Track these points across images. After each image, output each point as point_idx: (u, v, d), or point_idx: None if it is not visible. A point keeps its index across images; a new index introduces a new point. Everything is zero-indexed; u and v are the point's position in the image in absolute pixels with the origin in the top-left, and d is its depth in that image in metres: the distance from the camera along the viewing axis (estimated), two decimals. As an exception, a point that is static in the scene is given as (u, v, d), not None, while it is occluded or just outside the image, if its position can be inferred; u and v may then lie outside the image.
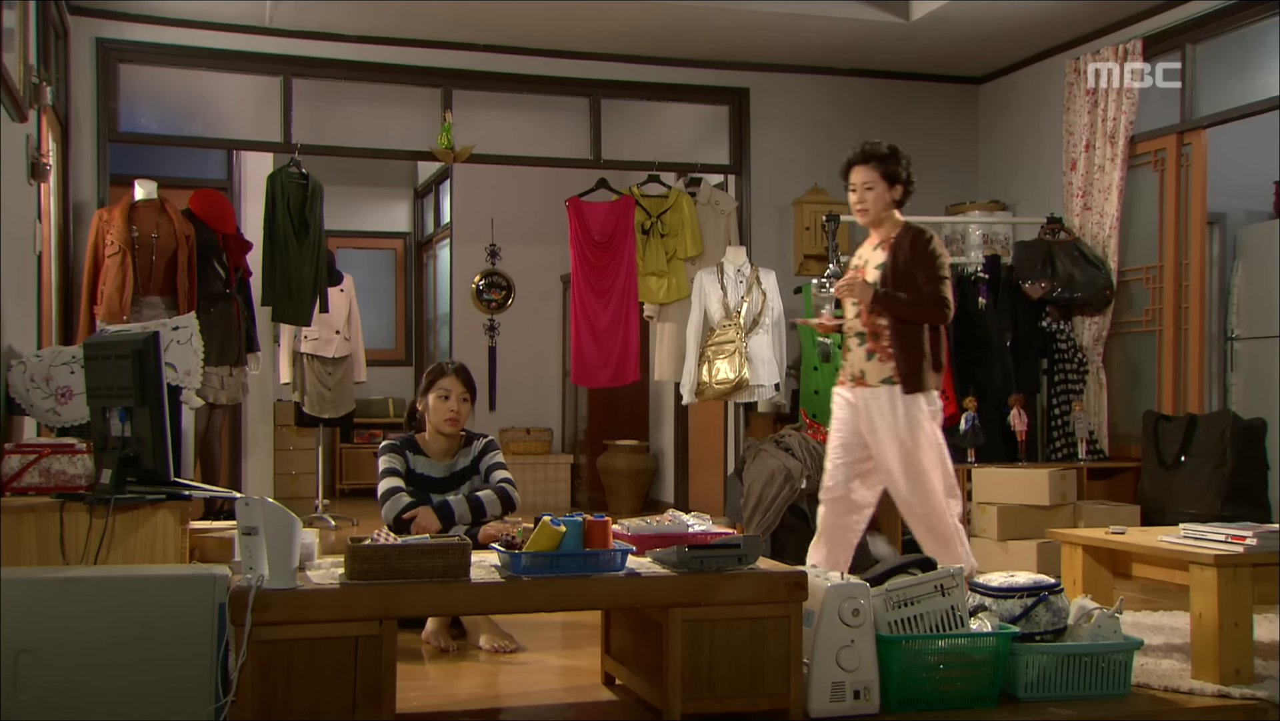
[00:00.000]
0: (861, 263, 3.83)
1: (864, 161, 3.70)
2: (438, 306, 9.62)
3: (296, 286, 6.01)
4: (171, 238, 5.43)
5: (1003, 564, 5.19)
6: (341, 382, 7.22)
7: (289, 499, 7.58)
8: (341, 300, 7.14)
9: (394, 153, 6.47)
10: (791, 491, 5.15)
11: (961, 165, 6.98)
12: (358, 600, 2.53)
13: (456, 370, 3.94)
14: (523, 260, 8.79)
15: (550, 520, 2.76)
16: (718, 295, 5.92)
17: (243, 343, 5.84)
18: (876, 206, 3.71)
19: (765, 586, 2.72)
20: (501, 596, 2.66)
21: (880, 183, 3.69)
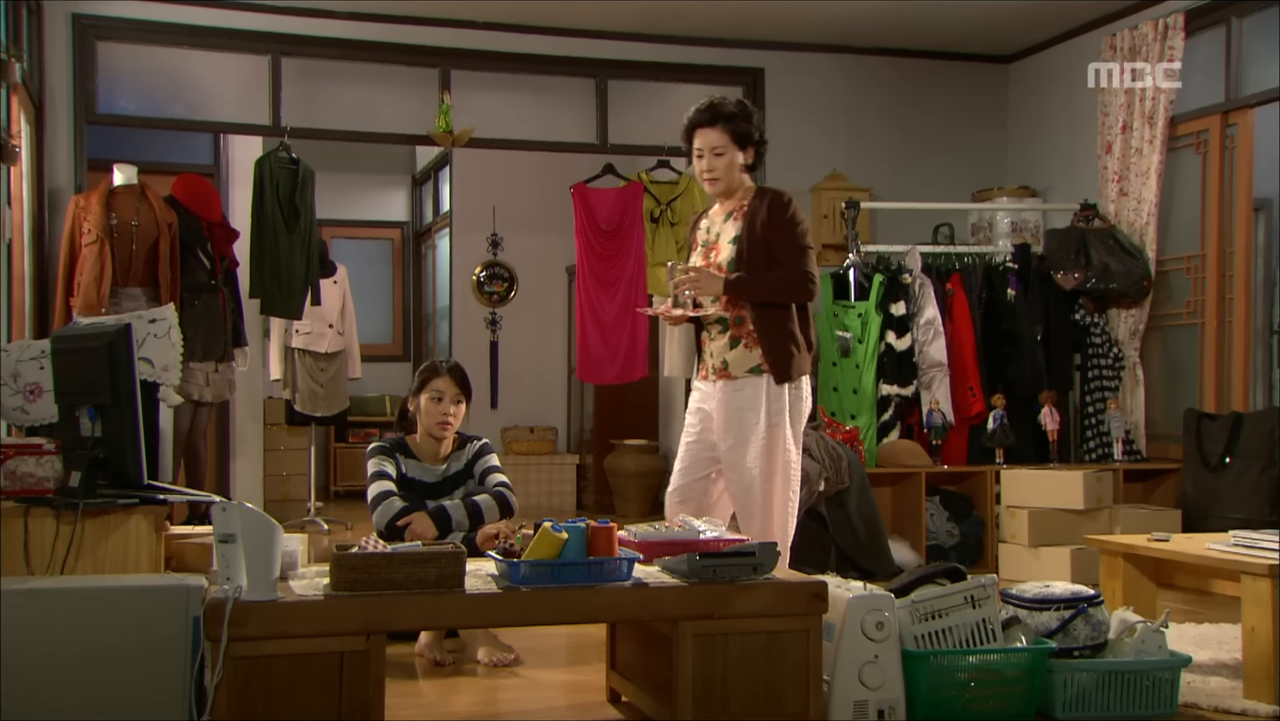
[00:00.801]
0: (713, 238, 3.58)
1: (711, 122, 3.48)
2: (437, 299, 9.63)
3: (286, 278, 5.98)
4: (153, 225, 5.39)
5: (1034, 572, 5.16)
6: (335, 379, 7.21)
7: (279, 501, 7.58)
8: (335, 292, 7.12)
9: (389, 136, 6.43)
10: (808, 494, 5.07)
11: (989, 149, 6.95)
12: (343, 613, 2.48)
13: (450, 369, 3.90)
14: (526, 250, 8.78)
15: (551, 526, 2.71)
16: None
17: (229, 337, 5.81)
18: (729, 173, 3.50)
19: (782, 597, 2.67)
20: (499, 608, 2.62)
21: (731, 146, 3.48)
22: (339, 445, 9.05)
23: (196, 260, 5.65)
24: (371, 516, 3.79)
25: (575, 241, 6.41)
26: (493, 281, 8.76)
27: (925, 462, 5.70)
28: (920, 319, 5.86)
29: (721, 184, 3.52)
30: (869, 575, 5.05)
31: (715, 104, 3.49)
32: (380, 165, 9.86)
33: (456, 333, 8.76)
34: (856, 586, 2.93)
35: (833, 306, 5.92)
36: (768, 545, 2.81)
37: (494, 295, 8.76)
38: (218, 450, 6.95)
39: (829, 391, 5.91)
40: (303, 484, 7.65)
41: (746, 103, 3.54)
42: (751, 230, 3.46)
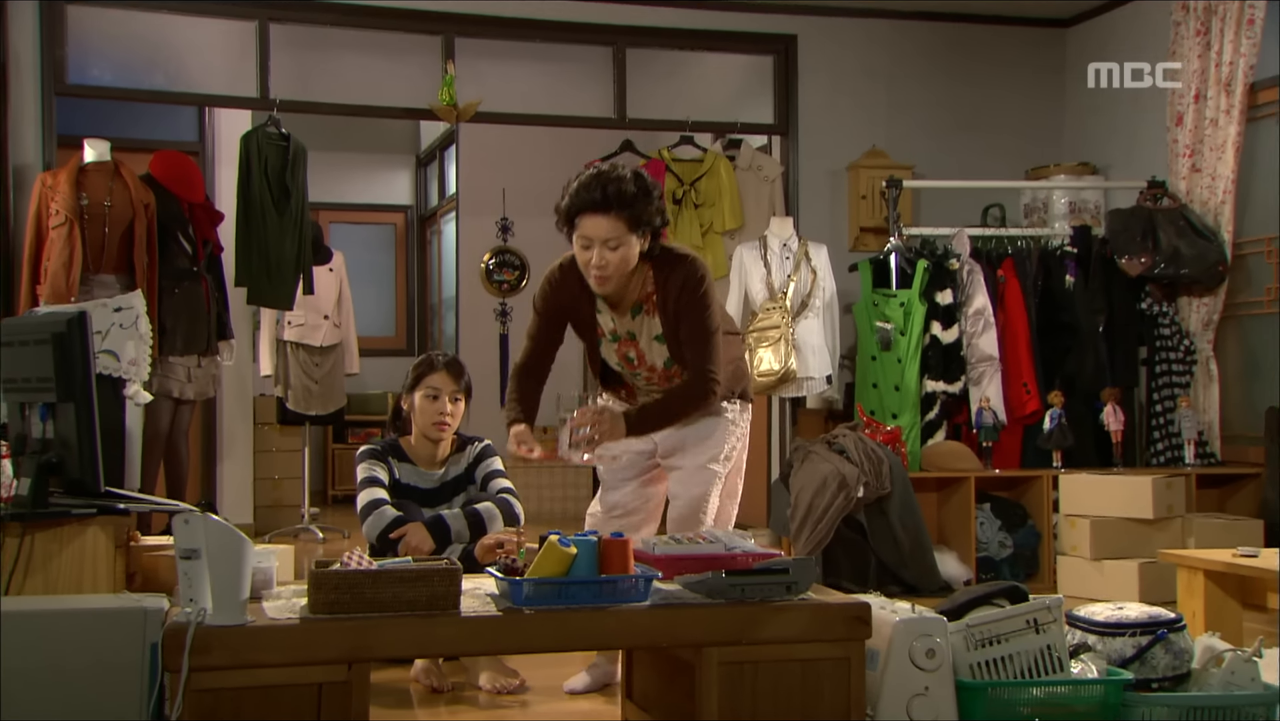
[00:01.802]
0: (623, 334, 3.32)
1: (603, 208, 3.00)
2: (443, 288, 9.60)
3: (276, 264, 5.91)
4: (127, 206, 5.32)
5: (1098, 588, 5.07)
6: (331, 375, 7.17)
7: (271, 507, 7.53)
8: (330, 281, 7.08)
9: (387, 110, 6.40)
10: (846, 500, 5.09)
11: (1045, 122, 6.91)
12: (321, 639, 2.39)
13: (448, 364, 3.84)
14: (538, 236, 8.16)
15: (558, 539, 2.61)
16: (760, 274, 5.86)
17: (212, 329, 5.76)
18: (624, 269, 3.08)
19: (820, 621, 2.58)
20: (498, 633, 2.52)
21: (627, 236, 3.03)
22: (337, 446, 9.07)
23: (176, 244, 5.59)
24: (361, 527, 3.71)
25: None
26: (502, 269, 8.76)
27: (974, 466, 5.63)
28: (969, 308, 5.81)
29: (613, 284, 3.13)
30: (912, 590, 5.05)
31: (609, 184, 3.01)
32: (381, 144, 9.87)
33: (464, 324, 8.75)
34: (903, 608, 2.84)
35: (872, 295, 5.87)
36: (803, 562, 2.71)
37: (504, 284, 8.75)
38: (203, 452, 6.92)
39: (868, 388, 5.85)
40: (296, 488, 7.58)
41: (645, 176, 3.11)
42: (669, 316, 3.20)
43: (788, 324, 5.73)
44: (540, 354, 3.32)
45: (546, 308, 3.31)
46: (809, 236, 6.11)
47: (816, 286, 5.87)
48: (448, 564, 2.60)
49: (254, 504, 7.28)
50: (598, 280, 3.13)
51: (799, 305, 5.82)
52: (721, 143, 6.70)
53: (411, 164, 10.23)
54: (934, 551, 5.30)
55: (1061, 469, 5.61)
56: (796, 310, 5.80)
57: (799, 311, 5.81)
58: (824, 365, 5.85)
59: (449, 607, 2.49)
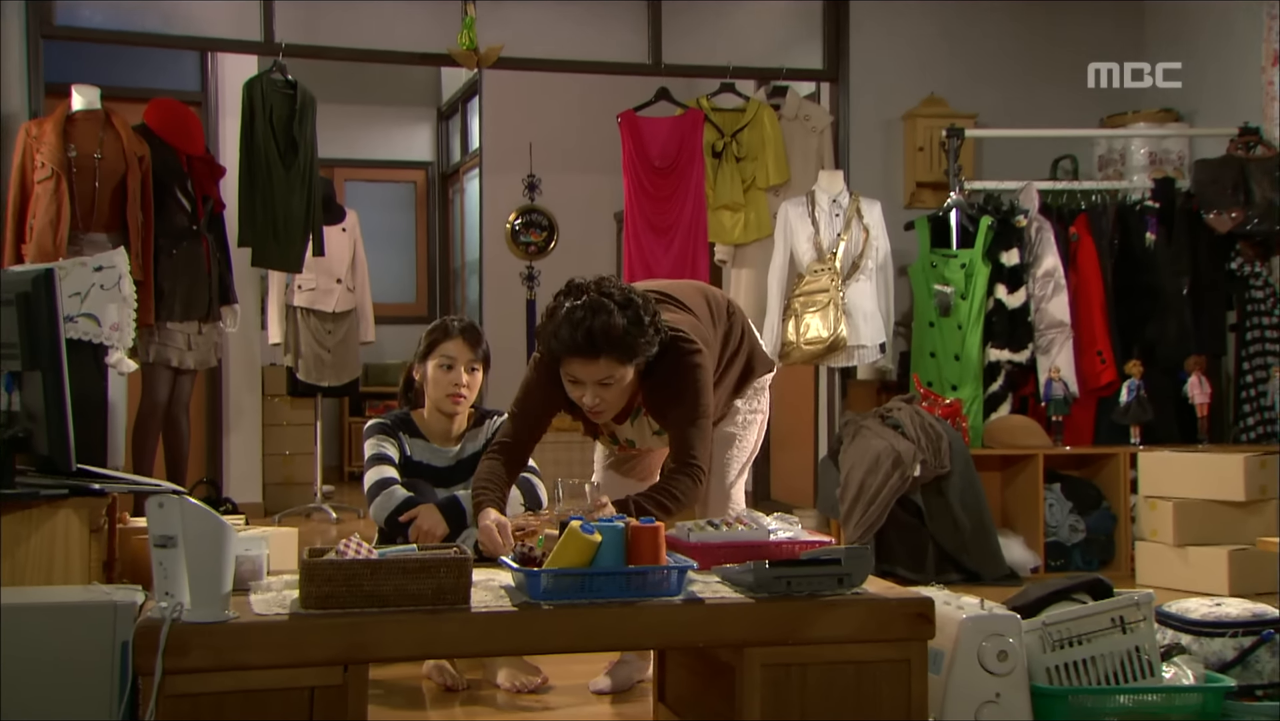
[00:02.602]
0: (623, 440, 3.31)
1: (591, 353, 2.90)
2: (465, 251, 9.61)
3: (283, 223, 5.87)
4: (119, 159, 5.28)
5: (1182, 577, 5.01)
6: (344, 343, 7.16)
7: (281, 485, 7.55)
8: (343, 242, 7.08)
9: (402, 56, 6.31)
10: (901, 480, 5.10)
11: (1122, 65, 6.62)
12: (314, 637, 2.29)
13: (463, 330, 3.75)
14: (568, 194, 8.65)
15: (581, 525, 2.51)
16: (807, 233, 5.84)
17: (214, 293, 5.75)
18: (618, 403, 3.06)
19: (876, 618, 2.50)
20: (513, 632, 2.42)
21: (621, 370, 2.95)
22: (352, 420, 9.12)
23: (174, 201, 5.54)
24: (368, 508, 3.64)
25: (624, 181, 6.34)
26: (529, 230, 8.62)
27: (1043, 442, 5.58)
28: (1037, 270, 5.76)
29: (609, 414, 3.09)
30: (973, 577, 5.10)
31: (594, 322, 2.87)
32: (400, 95, 9.88)
33: (488, 289, 8.65)
34: (971, 603, 2.76)
35: (930, 256, 5.86)
36: (858, 551, 2.61)
37: (531, 246, 8.61)
38: (208, 426, 6.93)
39: (925, 358, 5.83)
40: (308, 465, 7.57)
41: (635, 297, 2.96)
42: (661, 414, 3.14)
43: (837, 287, 5.69)
44: (525, 434, 3.19)
45: (538, 391, 3.17)
46: (861, 192, 6.05)
47: (869, 246, 5.83)
48: (456, 552, 2.50)
49: (263, 482, 7.31)
50: (593, 414, 3.07)
51: (849, 267, 5.78)
52: (765, 90, 6.64)
53: (432, 117, 10.24)
54: (998, 536, 5.27)
55: (1140, 446, 5.57)
56: (847, 272, 5.76)
57: (849, 274, 5.77)
58: (877, 332, 5.80)
59: (457, 602, 2.40)
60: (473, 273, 9.26)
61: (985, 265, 5.70)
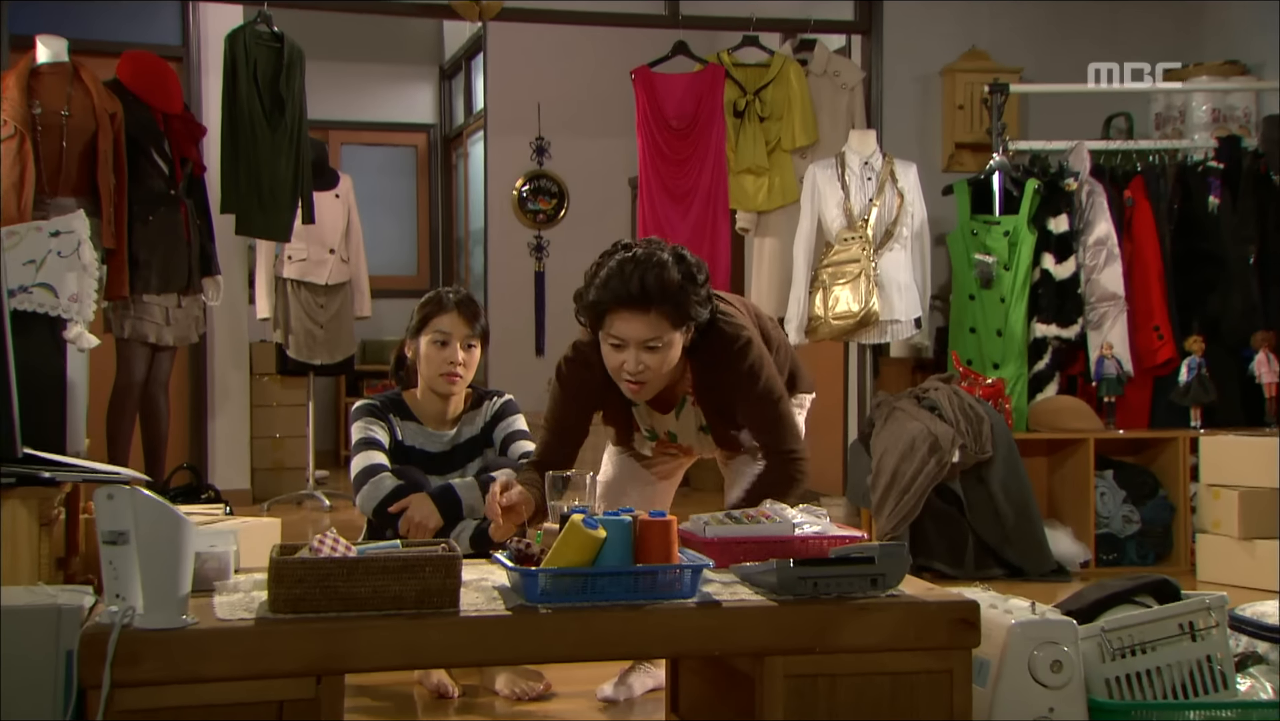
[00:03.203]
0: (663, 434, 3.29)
1: (642, 305, 2.88)
2: (470, 219, 9.71)
3: (269, 188, 5.86)
4: (89, 116, 5.23)
5: (1247, 573, 4.98)
6: (338, 318, 7.16)
7: (271, 471, 7.58)
8: (336, 209, 7.07)
9: (399, 7, 6.42)
10: (939, 466, 5.08)
11: (1182, 13, 6.65)
12: (283, 645, 2.23)
13: (459, 303, 3.69)
14: (578, 158, 8.77)
15: (583, 519, 2.44)
16: (837, 198, 5.80)
17: (195, 262, 5.73)
18: (661, 375, 3.00)
19: (914, 624, 2.44)
20: (507, 639, 2.35)
21: (670, 334, 2.93)
22: (348, 400, 9.23)
23: (150, 163, 5.52)
24: (354, 498, 3.60)
25: (638, 143, 6.31)
26: (538, 197, 8.82)
27: (1094, 426, 5.53)
28: (1088, 237, 5.70)
29: (650, 391, 3.04)
30: (1017, 572, 5.11)
31: (648, 271, 2.87)
32: (398, 52, 9.94)
33: (494, 260, 8.86)
34: (1020, 606, 2.72)
35: (970, 222, 5.80)
36: (893, 549, 2.54)
37: (539, 214, 8.82)
38: (191, 407, 6.95)
39: (964, 334, 5.80)
40: (300, 449, 7.58)
41: (688, 257, 2.98)
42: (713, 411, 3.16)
43: (869, 257, 5.65)
44: (562, 448, 3.15)
45: (568, 396, 3.16)
46: (895, 153, 6.00)
47: (903, 212, 5.78)
48: (444, 549, 2.42)
49: (251, 467, 7.32)
50: (632, 389, 3.02)
51: (883, 235, 5.74)
52: (792, 44, 6.64)
53: (434, 76, 10.32)
54: (1044, 528, 5.24)
55: (1201, 429, 5.54)
56: (880, 241, 5.73)
57: (883, 242, 5.73)
58: (912, 306, 5.77)
59: (445, 605, 2.34)
60: (477, 243, 9.36)
61: (1031, 232, 5.66)
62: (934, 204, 6.00)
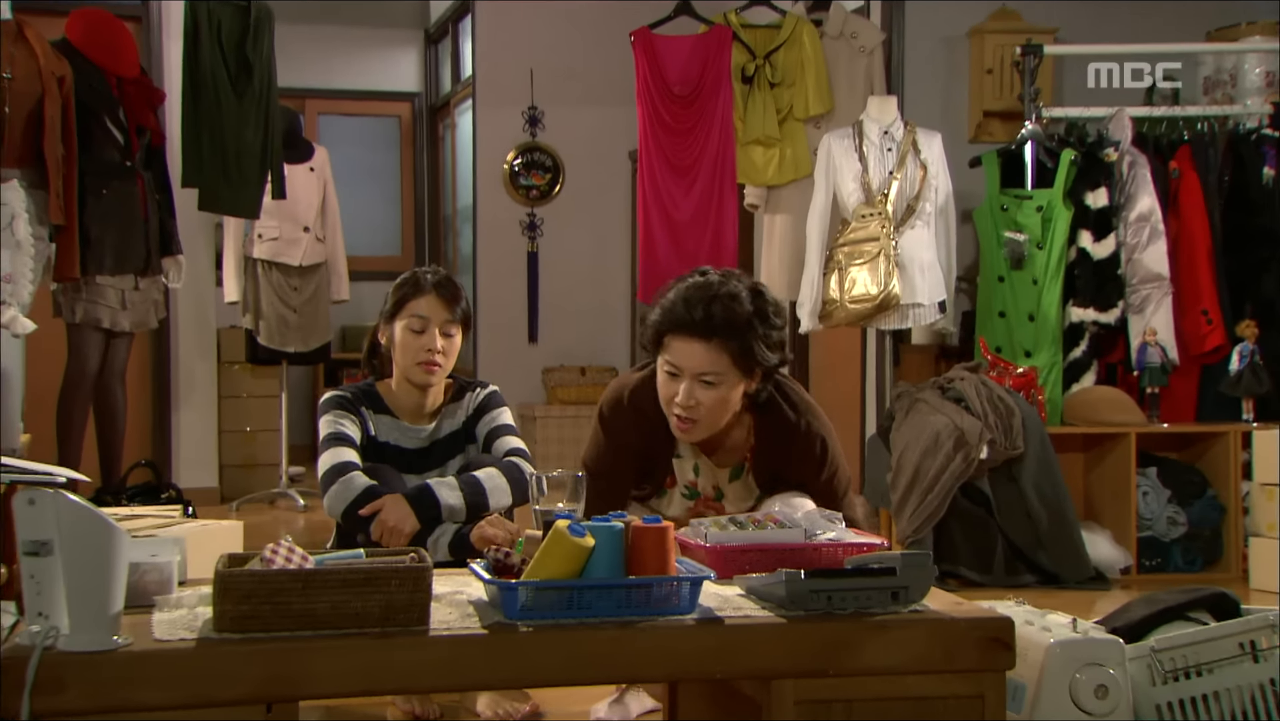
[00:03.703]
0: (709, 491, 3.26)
1: (705, 333, 2.91)
2: (457, 196, 9.70)
3: (235, 160, 5.92)
4: (34, 79, 5.19)
5: None
6: (313, 302, 7.18)
7: (242, 467, 7.59)
8: (311, 183, 7.09)
9: None
10: (965, 463, 5.07)
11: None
12: (228, 669, 2.17)
13: (438, 285, 3.65)
14: (575, 128, 8.76)
15: (569, 526, 2.38)
16: (854, 171, 5.75)
17: (154, 241, 5.72)
18: (715, 417, 3.00)
19: (941, 643, 2.37)
20: (482, 661, 2.28)
21: (731, 373, 2.94)
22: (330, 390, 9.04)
23: (103, 131, 5.51)
24: (322, 499, 3.53)
25: (638, 112, 6.31)
26: (531, 171, 8.81)
27: (1136, 419, 5.52)
28: (1130, 213, 5.68)
29: (699, 433, 3.03)
30: (1051, 579, 5.11)
31: (716, 300, 2.90)
32: (380, 15, 9.88)
33: (483, 240, 8.82)
34: (1059, 622, 2.71)
35: (1000, 197, 5.78)
36: (917, 559, 2.46)
37: (533, 190, 8.81)
38: (153, 399, 6.96)
39: (993, 318, 5.79)
40: (273, 444, 7.63)
41: (767, 294, 3.02)
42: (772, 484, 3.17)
43: (889, 235, 5.59)
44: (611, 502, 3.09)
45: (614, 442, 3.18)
46: (918, 122, 5.94)
47: (926, 186, 5.73)
48: (413, 559, 2.36)
49: (219, 463, 7.36)
50: (681, 425, 3.00)
51: (904, 211, 5.69)
52: (805, 4, 6.55)
53: (418, 40, 10.26)
54: (1080, 530, 5.22)
55: (1254, 422, 5.52)
56: (901, 217, 5.67)
57: (904, 219, 5.68)
58: (935, 288, 5.71)
59: (413, 623, 2.26)
60: (465, 221, 9.29)
61: (1067, 208, 5.64)
62: (960, 177, 5.94)
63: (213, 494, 7.00)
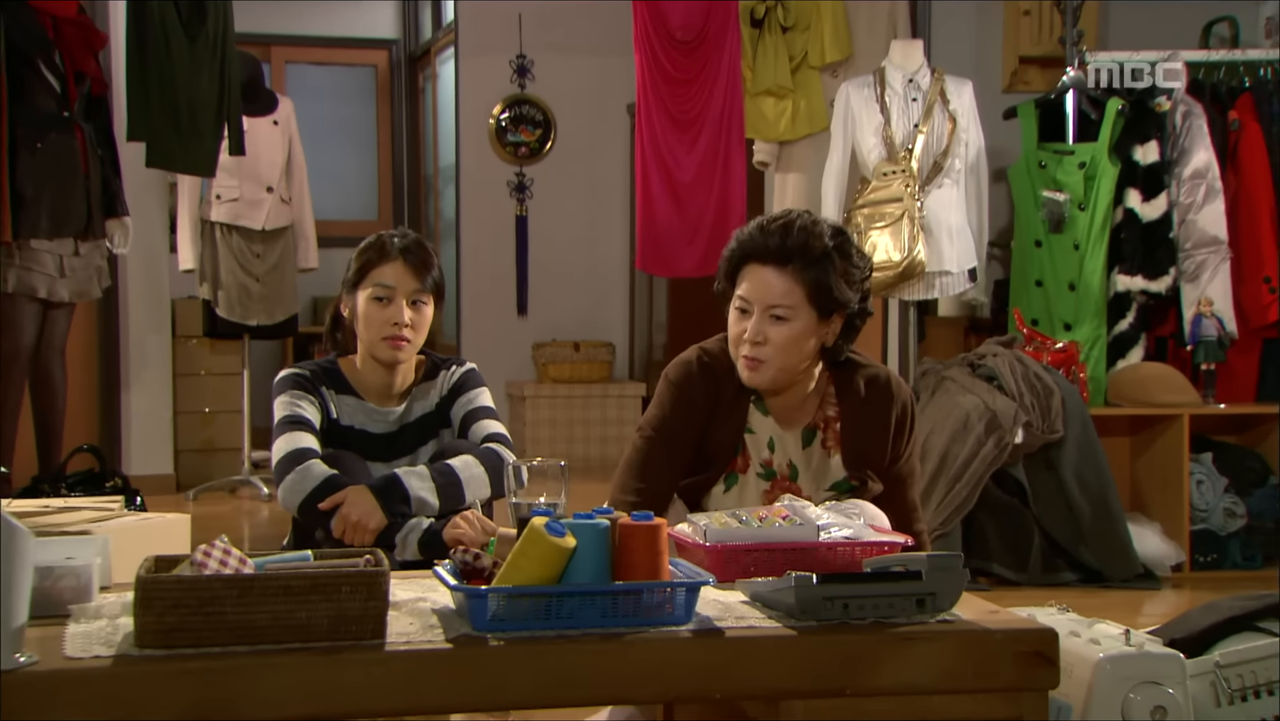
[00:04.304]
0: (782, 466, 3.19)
1: (779, 259, 2.96)
2: (439, 153, 9.68)
3: (187, 111, 5.87)
4: None
5: None
6: (277, 271, 7.17)
7: (200, 452, 7.60)
8: (275, 138, 7.10)
9: None
10: (998, 448, 5.07)
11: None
12: (150, 691, 2.11)
13: (405, 249, 3.57)
14: (567, 79, 8.78)
15: (546, 525, 2.32)
16: (875, 124, 5.74)
17: (95, 201, 5.70)
18: (787, 357, 3.01)
19: (974, 658, 2.33)
20: (446, 680, 2.24)
21: (805, 309, 2.97)
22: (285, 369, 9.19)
23: (36, 78, 5.49)
24: (276, 490, 3.48)
25: (636, 61, 6.34)
26: (519, 127, 8.80)
27: (1190, 399, 5.51)
28: (1184, 169, 5.70)
29: (768, 375, 3.02)
30: (1094, 576, 5.11)
31: (797, 231, 2.97)
32: None
33: (467, 202, 8.82)
34: (1110, 635, 2.66)
35: (1038, 153, 5.82)
36: (946, 562, 2.41)
37: (521, 147, 8.80)
38: (102, 376, 6.96)
39: (1029, 287, 5.84)
40: (234, 426, 7.63)
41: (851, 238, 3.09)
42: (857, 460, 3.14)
43: (913, 195, 5.57)
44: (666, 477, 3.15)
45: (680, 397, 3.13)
46: (946, 69, 5.92)
47: (955, 141, 5.70)
48: (368, 562, 2.31)
49: (174, 448, 7.33)
50: (748, 364, 3.00)
51: (930, 168, 5.66)
52: None
53: None
54: (1127, 523, 5.22)
55: None
56: (927, 176, 5.64)
57: (930, 177, 5.65)
58: (965, 254, 5.69)
59: (366, 636, 2.21)
60: (448, 181, 9.31)
61: (1113, 164, 5.64)
62: (993, 130, 5.94)
63: (167, 481, 7.00)
